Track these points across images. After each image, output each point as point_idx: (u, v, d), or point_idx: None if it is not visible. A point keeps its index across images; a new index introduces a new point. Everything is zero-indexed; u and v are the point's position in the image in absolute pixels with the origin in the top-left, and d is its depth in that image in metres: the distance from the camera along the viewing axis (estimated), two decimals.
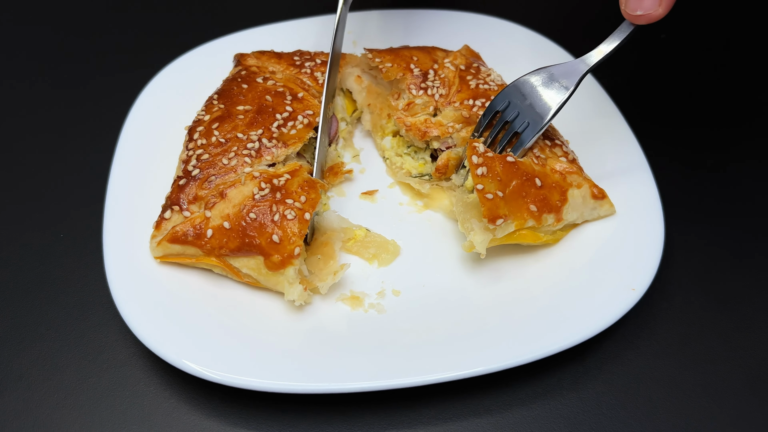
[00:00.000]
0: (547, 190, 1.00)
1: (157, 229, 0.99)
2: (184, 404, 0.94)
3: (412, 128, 1.13)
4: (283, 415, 0.92)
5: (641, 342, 0.99)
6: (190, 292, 0.98)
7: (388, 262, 1.05)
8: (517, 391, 0.94)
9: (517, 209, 0.98)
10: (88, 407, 0.93)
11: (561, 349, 0.91)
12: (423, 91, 1.14)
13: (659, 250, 1.00)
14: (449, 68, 1.17)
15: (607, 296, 0.96)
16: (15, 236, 1.13)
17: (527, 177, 0.99)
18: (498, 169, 0.99)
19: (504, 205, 0.97)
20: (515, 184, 0.99)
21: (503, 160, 1.00)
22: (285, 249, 0.94)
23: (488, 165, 0.99)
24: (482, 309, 0.97)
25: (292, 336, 0.94)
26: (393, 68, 1.16)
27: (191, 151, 1.04)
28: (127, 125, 1.19)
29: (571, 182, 1.02)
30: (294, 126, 1.06)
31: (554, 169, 1.02)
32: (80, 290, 1.06)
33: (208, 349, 0.91)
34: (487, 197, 0.96)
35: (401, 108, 1.15)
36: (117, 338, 1.00)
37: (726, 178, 1.20)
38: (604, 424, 0.91)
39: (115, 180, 1.10)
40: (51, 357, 0.99)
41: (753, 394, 0.94)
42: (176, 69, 1.28)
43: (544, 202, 0.99)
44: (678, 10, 1.50)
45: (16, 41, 1.50)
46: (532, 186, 0.99)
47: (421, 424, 0.91)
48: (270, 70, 1.16)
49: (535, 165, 1.01)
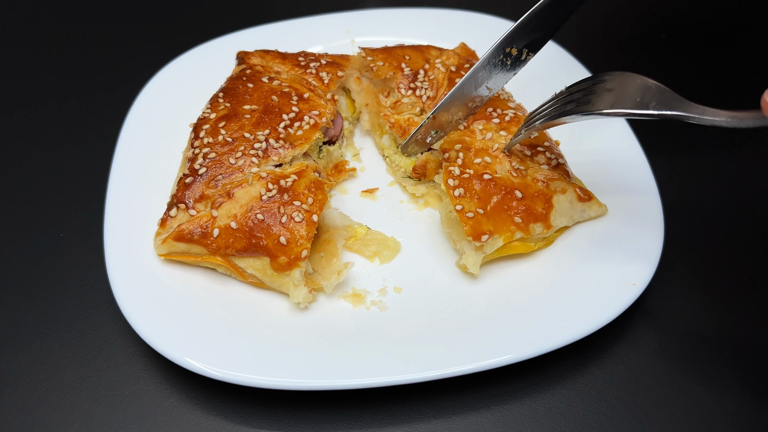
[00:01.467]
0: (530, 201, 1.01)
1: (162, 226, 0.99)
2: (185, 402, 0.94)
3: (395, 126, 1.14)
4: (284, 413, 0.93)
5: (641, 340, 1.00)
6: (191, 290, 0.99)
7: (389, 260, 1.06)
8: (516, 388, 0.95)
9: (501, 223, 0.99)
10: (88, 406, 0.94)
11: (563, 344, 0.92)
12: (411, 91, 1.16)
13: (659, 244, 1.01)
14: (439, 69, 1.18)
15: (609, 291, 0.97)
16: (15, 236, 1.13)
17: (507, 191, 1.01)
18: (476, 188, 1.00)
19: (487, 221, 0.99)
20: (495, 199, 1.00)
21: (480, 178, 1.01)
22: (292, 251, 0.95)
23: (465, 186, 1.01)
24: (483, 305, 0.99)
25: (294, 334, 0.95)
26: (384, 67, 1.17)
27: (197, 149, 1.04)
28: (127, 122, 1.19)
29: (555, 189, 1.03)
30: (300, 127, 1.07)
31: (535, 178, 1.03)
32: (80, 290, 1.06)
33: (209, 347, 0.91)
34: (468, 216, 0.98)
35: (388, 105, 1.16)
36: (117, 337, 1.01)
37: (726, 176, 1.21)
38: (603, 422, 0.92)
39: (116, 177, 1.10)
40: (51, 356, 0.99)
41: (753, 393, 0.94)
42: (177, 67, 1.28)
43: (527, 212, 1.00)
44: (678, 10, 1.52)
45: (14, 39, 1.49)
46: (512, 199, 1.00)
47: (419, 421, 0.92)
48: (275, 70, 1.17)
49: (514, 178, 1.02)
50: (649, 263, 0.99)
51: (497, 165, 1.04)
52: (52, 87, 1.39)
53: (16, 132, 1.30)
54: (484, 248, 0.99)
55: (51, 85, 1.39)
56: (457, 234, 1.04)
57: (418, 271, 1.05)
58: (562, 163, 1.07)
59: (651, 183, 1.09)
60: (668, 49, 1.46)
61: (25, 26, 1.52)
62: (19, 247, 1.12)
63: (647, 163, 1.12)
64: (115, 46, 1.48)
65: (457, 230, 1.04)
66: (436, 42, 1.30)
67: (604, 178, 1.10)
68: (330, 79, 1.16)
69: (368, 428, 0.92)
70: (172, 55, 1.31)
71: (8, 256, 1.10)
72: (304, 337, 0.95)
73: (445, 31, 1.35)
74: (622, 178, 1.10)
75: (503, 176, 1.02)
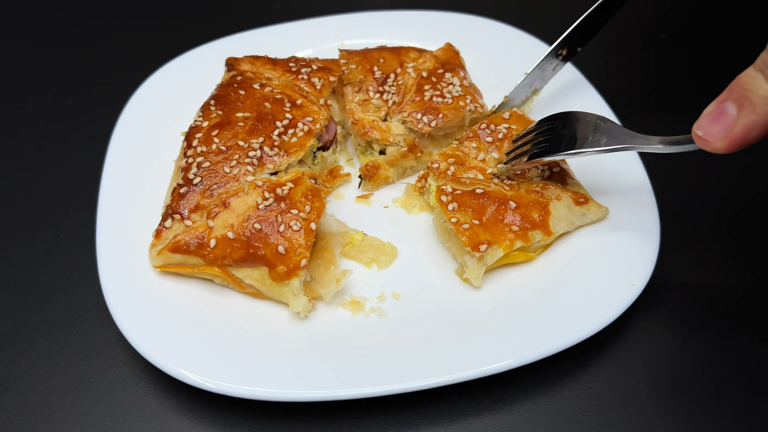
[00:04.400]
0: (525, 209, 1.01)
1: (157, 238, 0.98)
2: (184, 404, 0.94)
3: (358, 123, 1.14)
4: (281, 420, 0.92)
5: (641, 341, 1.00)
6: (187, 301, 0.98)
7: (386, 265, 1.05)
8: (516, 389, 0.95)
9: (499, 233, 0.99)
10: (88, 407, 0.93)
11: (565, 347, 0.92)
12: (379, 94, 1.16)
13: (656, 244, 1.01)
14: (410, 74, 1.17)
15: (608, 293, 0.97)
16: (15, 236, 1.13)
17: (500, 202, 1.01)
18: (469, 202, 1.01)
19: (483, 231, 0.99)
20: (490, 211, 1.00)
21: (473, 193, 1.02)
22: (291, 260, 0.95)
23: (458, 200, 1.01)
24: (482, 309, 0.99)
25: (293, 344, 0.94)
26: (355, 70, 1.18)
27: (191, 158, 1.03)
28: (117, 131, 1.18)
29: (550, 196, 1.03)
30: (295, 134, 1.06)
31: (529, 189, 1.04)
32: (80, 290, 1.06)
33: (205, 359, 0.90)
34: (464, 228, 0.99)
35: (356, 101, 1.16)
36: (117, 338, 1.00)
37: (725, 176, 1.22)
38: (604, 423, 0.92)
39: (106, 188, 1.09)
40: (51, 357, 0.98)
41: (754, 393, 0.95)
42: (164, 75, 1.28)
43: (524, 220, 1.00)
44: (678, 10, 1.53)
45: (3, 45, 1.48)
46: (507, 209, 1.01)
47: (421, 424, 0.92)
48: (266, 76, 1.16)
49: (507, 191, 1.03)
50: (646, 263, 0.99)
51: (489, 182, 1.04)
52: (36, 94, 1.37)
53: (13, 132, 1.30)
54: (485, 259, 0.99)
55: (36, 92, 1.38)
56: (457, 247, 1.04)
57: (415, 276, 1.04)
58: (557, 171, 1.07)
59: (646, 183, 1.09)
60: (668, 49, 1.47)
61: (14, 35, 1.50)
62: (19, 247, 1.11)
63: (642, 164, 1.12)
64: (102, 53, 1.47)
65: (455, 242, 1.04)
66: (426, 44, 1.30)
67: (598, 179, 1.10)
68: (323, 84, 1.15)
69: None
70: (159, 62, 1.30)
71: (8, 256, 1.10)
72: (305, 347, 0.94)
73: (432, 33, 1.35)
74: (618, 182, 1.10)
75: (495, 189, 1.03)
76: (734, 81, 0.79)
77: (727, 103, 0.79)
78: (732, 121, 0.78)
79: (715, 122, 0.80)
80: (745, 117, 0.77)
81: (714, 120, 0.80)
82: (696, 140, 0.83)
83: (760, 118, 0.76)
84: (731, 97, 0.78)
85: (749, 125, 0.77)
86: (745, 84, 0.77)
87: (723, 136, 0.79)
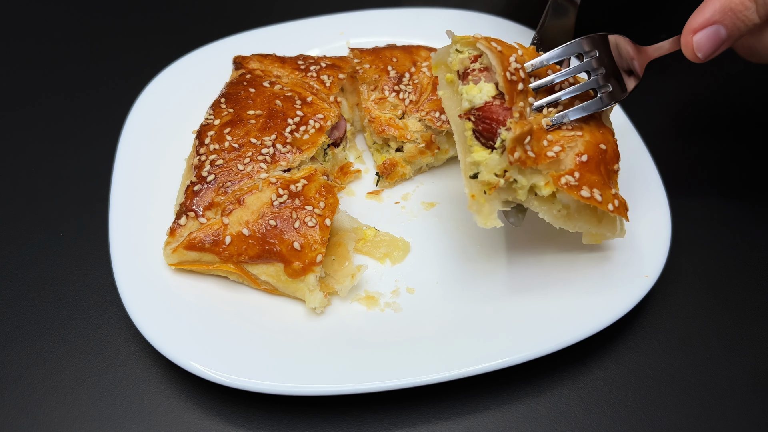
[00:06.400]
0: (612, 145, 0.95)
1: (171, 235, 0.98)
2: (184, 402, 0.94)
3: (375, 121, 1.14)
4: (287, 415, 0.92)
5: (641, 341, 1.00)
6: (203, 298, 0.98)
7: (399, 260, 1.06)
8: (516, 388, 0.95)
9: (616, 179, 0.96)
10: (88, 406, 0.93)
11: (586, 335, 0.92)
12: (395, 93, 1.16)
13: (668, 236, 1.02)
14: (425, 73, 1.18)
15: (621, 284, 0.97)
16: (15, 236, 1.12)
17: (595, 150, 0.93)
18: (580, 169, 0.91)
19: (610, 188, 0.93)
20: (596, 162, 0.92)
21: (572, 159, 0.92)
22: (306, 256, 0.95)
23: (571, 174, 0.90)
24: (495, 302, 0.99)
25: (310, 339, 0.95)
26: (370, 70, 1.17)
27: (204, 156, 1.03)
28: (126, 128, 1.18)
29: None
30: (306, 131, 1.07)
31: (591, 128, 0.95)
32: (80, 289, 1.06)
33: (222, 354, 0.91)
34: (598, 198, 0.91)
35: (372, 99, 1.16)
36: (117, 337, 1.00)
37: (730, 175, 1.22)
38: (604, 422, 0.92)
39: (118, 185, 1.09)
40: (51, 356, 0.98)
41: (754, 393, 0.95)
42: (172, 73, 1.27)
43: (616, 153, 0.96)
44: (677, 11, 1.52)
45: (12, 45, 1.48)
46: (602, 155, 0.93)
47: (420, 423, 0.92)
48: (275, 74, 1.16)
49: (580, 136, 0.92)
50: (658, 255, 1.00)
51: (571, 140, 0.93)
52: (45, 92, 1.37)
53: (15, 134, 1.29)
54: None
55: (45, 90, 1.38)
56: (588, 223, 0.95)
57: (429, 270, 1.05)
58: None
59: (657, 182, 1.09)
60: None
61: (22, 34, 1.50)
62: (19, 246, 1.11)
63: (653, 161, 1.12)
64: (109, 52, 1.46)
65: (584, 219, 0.95)
66: (432, 42, 1.30)
67: None
68: (332, 81, 1.16)
69: (372, 430, 0.92)
70: (165, 61, 1.30)
71: (8, 256, 1.10)
72: (321, 342, 0.95)
73: (440, 31, 1.34)
74: (628, 180, 1.09)
75: (585, 141, 0.93)
76: (726, 4, 0.90)
77: (720, 26, 0.91)
78: (721, 41, 0.92)
79: (710, 41, 0.92)
80: (730, 41, 0.92)
81: (710, 39, 0.92)
82: (686, 44, 0.93)
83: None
84: (724, 21, 0.91)
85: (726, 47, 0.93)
86: (738, 12, 0.91)
87: (711, 53, 0.93)
